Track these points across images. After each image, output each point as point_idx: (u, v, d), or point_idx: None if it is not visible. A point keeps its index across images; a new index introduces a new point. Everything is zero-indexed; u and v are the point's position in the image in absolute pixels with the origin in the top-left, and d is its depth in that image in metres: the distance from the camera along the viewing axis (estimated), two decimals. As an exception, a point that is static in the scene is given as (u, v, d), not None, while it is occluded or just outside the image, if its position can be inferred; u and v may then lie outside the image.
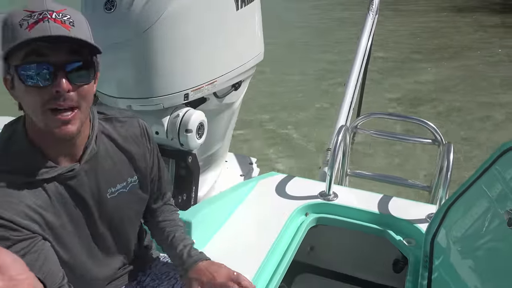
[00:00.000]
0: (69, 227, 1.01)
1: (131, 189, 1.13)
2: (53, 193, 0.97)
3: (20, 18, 0.87)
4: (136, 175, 1.14)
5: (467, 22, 10.05)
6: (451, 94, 6.26)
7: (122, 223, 1.14)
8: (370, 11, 3.32)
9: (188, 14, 1.67)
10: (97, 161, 1.04)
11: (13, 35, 0.86)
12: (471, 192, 1.35)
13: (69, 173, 0.98)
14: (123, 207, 1.12)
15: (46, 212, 0.95)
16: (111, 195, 1.08)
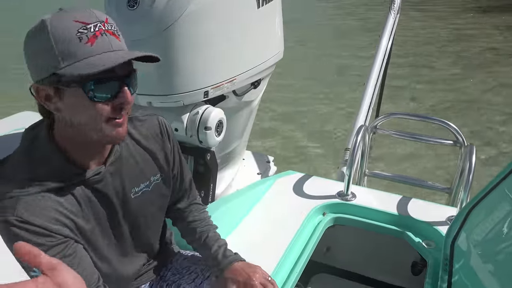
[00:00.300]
0: (97, 230, 1.02)
1: (154, 187, 1.13)
2: (81, 197, 0.97)
3: (75, 30, 0.83)
4: (159, 173, 1.14)
5: (492, 23, 9.85)
6: (470, 95, 6.14)
7: (146, 221, 1.15)
8: (391, 10, 3.29)
9: (210, 11, 1.68)
10: (121, 162, 1.04)
11: (74, 50, 0.83)
12: (494, 195, 1.33)
13: (96, 176, 0.98)
14: (147, 205, 1.13)
15: (76, 218, 0.96)
16: (135, 195, 1.08)
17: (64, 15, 0.85)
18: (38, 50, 0.85)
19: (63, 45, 0.83)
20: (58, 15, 0.85)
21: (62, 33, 0.83)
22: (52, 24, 0.83)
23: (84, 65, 0.82)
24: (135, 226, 1.13)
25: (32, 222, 0.88)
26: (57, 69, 0.83)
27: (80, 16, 0.84)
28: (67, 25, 0.83)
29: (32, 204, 0.89)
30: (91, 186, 0.99)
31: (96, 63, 0.82)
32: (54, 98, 0.88)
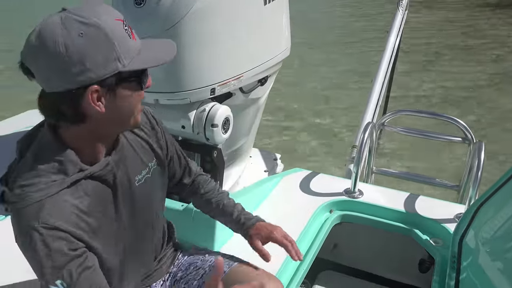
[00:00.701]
0: (108, 224, 1.02)
1: (153, 173, 1.15)
2: (92, 191, 0.97)
3: (121, 28, 0.88)
4: (155, 159, 1.17)
5: (503, 18, 9.74)
6: (486, 93, 6.08)
7: (151, 209, 1.16)
8: (399, 7, 3.27)
9: (217, 8, 1.68)
10: (122, 152, 1.06)
11: (127, 46, 0.88)
12: (502, 192, 1.32)
13: (107, 167, 0.99)
14: (151, 193, 1.15)
15: (90, 218, 0.96)
16: (139, 183, 1.10)
17: (103, 14, 0.87)
18: (94, 50, 0.85)
19: (121, 43, 0.87)
20: (100, 16, 0.86)
21: (117, 32, 0.87)
22: (105, 25, 0.85)
23: (144, 59, 0.91)
24: (143, 216, 1.13)
25: (59, 227, 0.88)
26: (122, 66, 0.88)
27: (114, 14, 0.89)
28: (115, 24, 0.87)
29: (54, 207, 0.88)
30: (100, 178, 0.99)
31: (151, 56, 0.92)
32: (105, 97, 0.89)
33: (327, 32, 9.37)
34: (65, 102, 0.88)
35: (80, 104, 0.88)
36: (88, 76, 0.85)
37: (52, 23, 0.85)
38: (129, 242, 1.09)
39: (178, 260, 1.33)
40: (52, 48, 0.83)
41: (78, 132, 0.93)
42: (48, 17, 0.87)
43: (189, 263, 1.30)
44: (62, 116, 0.90)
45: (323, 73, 6.93)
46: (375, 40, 7.83)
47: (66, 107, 0.88)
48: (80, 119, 0.91)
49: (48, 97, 0.89)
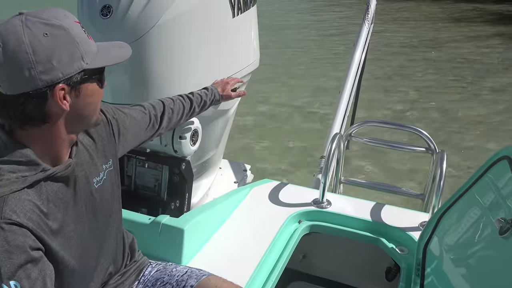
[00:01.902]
0: (68, 227, 1.00)
1: (108, 175, 1.15)
2: (53, 193, 0.96)
3: (81, 29, 0.94)
4: (110, 159, 1.17)
5: (464, 32, 10.16)
6: (447, 102, 6.30)
7: (111, 212, 1.16)
8: (365, 20, 3.35)
9: (184, 21, 1.68)
10: (79, 155, 1.06)
11: (88, 47, 0.94)
12: (464, 200, 1.36)
13: (68, 169, 0.99)
14: (109, 194, 1.15)
15: (49, 220, 0.94)
16: (98, 184, 1.10)
17: (64, 17, 0.92)
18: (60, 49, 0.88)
19: (83, 43, 0.92)
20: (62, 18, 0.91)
21: (78, 32, 0.92)
22: (68, 26, 0.90)
23: (103, 58, 0.97)
24: (103, 217, 1.12)
25: (22, 224, 0.86)
26: (86, 64, 0.92)
27: (73, 17, 0.94)
28: (75, 25, 0.92)
29: (17, 204, 0.87)
30: (62, 180, 0.99)
31: (108, 55, 0.99)
32: (70, 95, 0.93)
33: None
34: (31, 102, 0.88)
35: (46, 103, 0.89)
36: (55, 75, 0.88)
37: (14, 25, 0.85)
38: (90, 246, 1.08)
39: (144, 276, 1.30)
40: (18, 49, 0.84)
41: (39, 134, 0.93)
42: (6, 21, 0.87)
43: (155, 279, 1.28)
44: (28, 118, 0.90)
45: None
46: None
47: (32, 108, 0.89)
48: (44, 119, 0.91)
49: (10, 100, 0.88)
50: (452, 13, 11.85)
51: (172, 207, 1.81)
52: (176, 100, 1.52)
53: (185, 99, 1.56)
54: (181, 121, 1.55)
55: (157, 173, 1.84)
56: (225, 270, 1.30)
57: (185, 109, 1.54)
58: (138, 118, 1.34)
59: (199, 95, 1.60)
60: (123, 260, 1.26)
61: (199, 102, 1.59)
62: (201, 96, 1.60)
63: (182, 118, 1.55)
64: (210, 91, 1.65)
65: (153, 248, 1.47)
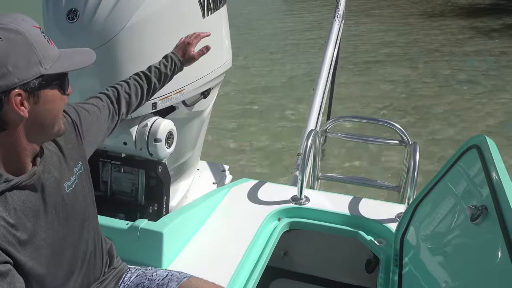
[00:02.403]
0: (39, 236, 0.98)
1: (79, 177, 1.13)
2: (20, 202, 0.94)
3: (41, 34, 0.91)
4: (80, 162, 1.14)
5: (436, 26, 10.37)
6: (418, 96, 6.43)
7: (84, 218, 1.13)
8: (336, 17, 3.40)
9: (154, 22, 1.67)
10: (47, 161, 1.03)
11: (48, 52, 0.91)
12: (437, 189, 1.39)
13: (33, 177, 0.96)
14: (82, 197, 1.13)
15: (18, 231, 0.92)
16: (69, 189, 1.08)
17: (22, 21, 0.89)
18: (16, 54, 0.86)
19: (41, 49, 0.89)
20: (20, 22, 0.88)
21: (37, 37, 0.89)
22: (25, 31, 0.88)
23: (64, 63, 0.93)
24: (77, 221, 1.10)
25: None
26: (44, 69, 0.89)
27: (33, 22, 0.92)
28: (34, 31, 0.90)
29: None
30: (29, 189, 0.96)
31: (70, 61, 0.95)
32: (28, 102, 0.90)
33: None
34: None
35: (1, 109, 0.86)
36: (10, 80, 0.85)
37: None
38: (63, 254, 1.06)
39: (124, 282, 1.28)
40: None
41: (6, 141, 0.91)
42: None
43: (136, 284, 1.26)
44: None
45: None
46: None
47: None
48: (1, 126, 0.89)
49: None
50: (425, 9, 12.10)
51: (150, 211, 1.80)
52: (132, 82, 1.43)
53: (141, 77, 1.46)
54: (143, 101, 1.46)
55: (133, 177, 1.82)
56: (206, 272, 1.30)
57: (143, 89, 1.44)
58: (97, 112, 1.28)
59: (156, 69, 1.49)
60: (102, 267, 1.24)
61: (158, 75, 1.49)
62: (159, 69, 1.49)
63: (143, 98, 1.45)
64: (170, 60, 1.54)
65: (132, 253, 1.45)
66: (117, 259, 1.32)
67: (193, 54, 1.61)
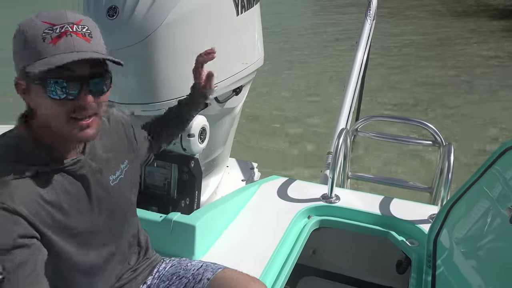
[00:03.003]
0: (78, 220, 1.02)
1: (126, 174, 1.17)
2: (61, 185, 0.98)
3: (42, 30, 0.89)
4: (126, 160, 1.19)
5: (467, 27, 10.11)
6: (452, 97, 6.28)
7: (124, 211, 1.17)
8: (367, 16, 3.36)
9: (189, 20, 1.69)
10: (95, 152, 1.07)
11: (37, 49, 0.88)
12: (472, 192, 1.37)
13: (77, 164, 1.01)
14: (125, 192, 1.17)
15: (54, 209, 0.96)
16: (113, 182, 1.12)
17: (36, 16, 0.91)
18: (14, 48, 0.92)
19: (29, 44, 0.89)
20: (31, 17, 0.91)
21: (31, 33, 0.89)
22: (24, 25, 0.90)
23: (43, 63, 0.87)
24: (115, 216, 1.14)
25: (17, 211, 0.88)
26: (25, 66, 0.89)
27: (50, 18, 0.90)
28: (35, 25, 0.89)
29: (16, 191, 0.89)
30: (73, 175, 1.01)
31: (51, 61, 0.87)
32: (28, 92, 0.94)
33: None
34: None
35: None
36: (16, 68, 0.93)
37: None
38: (102, 242, 1.10)
39: (159, 272, 1.32)
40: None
41: (38, 126, 0.97)
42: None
43: (171, 274, 1.29)
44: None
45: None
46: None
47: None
48: (30, 110, 0.97)
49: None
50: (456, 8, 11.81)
51: (182, 205, 1.83)
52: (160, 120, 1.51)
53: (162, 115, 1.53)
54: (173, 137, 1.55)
55: (166, 171, 1.85)
56: (237, 265, 1.31)
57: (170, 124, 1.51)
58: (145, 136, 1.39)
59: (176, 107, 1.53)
60: (138, 257, 1.28)
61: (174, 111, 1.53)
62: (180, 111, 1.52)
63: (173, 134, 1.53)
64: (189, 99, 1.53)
65: (165, 245, 1.49)
66: (151, 251, 1.35)
67: (202, 91, 1.51)
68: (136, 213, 1.27)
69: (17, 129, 0.99)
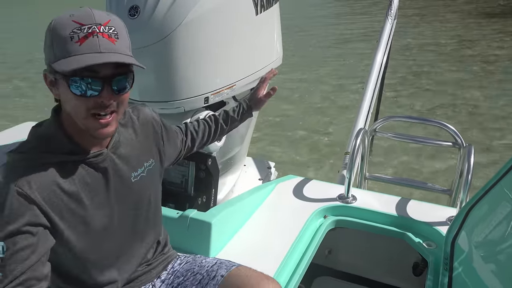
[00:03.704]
0: (93, 212, 1.04)
1: (148, 173, 1.19)
2: (81, 176, 1.02)
3: (70, 30, 0.93)
4: (151, 159, 1.22)
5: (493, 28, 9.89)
6: (474, 100, 6.17)
7: (143, 208, 1.20)
8: (388, 16, 3.33)
9: (209, 19, 1.71)
10: (119, 148, 1.11)
11: (64, 47, 0.93)
12: (492, 194, 1.34)
13: (99, 157, 1.04)
14: (145, 190, 1.19)
15: (71, 198, 0.99)
16: (134, 179, 1.14)
17: (67, 15, 0.94)
18: (45, 44, 0.96)
19: (58, 42, 0.93)
20: (63, 15, 0.95)
21: (60, 31, 0.93)
22: (55, 23, 0.95)
23: (68, 62, 0.92)
24: (134, 213, 1.16)
25: (30, 197, 0.92)
26: (52, 62, 0.94)
27: (80, 17, 0.94)
28: (65, 24, 0.93)
29: (34, 177, 0.94)
30: (94, 167, 1.04)
31: (76, 61, 0.91)
32: (55, 85, 0.99)
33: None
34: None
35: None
36: (45, 62, 0.98)
37: None
38: (116, 236, 1.12)
39: (174, 268, 1.33)
40: None
41: (68, 118, 1.01)
42: None
43: (186, 270, 1.31)
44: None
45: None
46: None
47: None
48: (56, 101, 1.02)
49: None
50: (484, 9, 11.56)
51: (199, 202, 1.85)
52: (201, 121, 1.54)
53: (211, 118, 1.57)
54: (209, 140, 1.56)
55: (184, 169, 1.88)
56: (251, 263, 1.32)
57: (211, 128, 1.54)
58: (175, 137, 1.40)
59: (225, 112, 1.60)
60: (154, 252, 1.30)
61: (225, 118, 1.59)
62: (227, 112, 1.60)
63: (210, 137, 1.55)
64: (239, 105, 1.63)
65: (181, 241, 1.51)
66: (168, 247, 1.37)
67: (260, 97, 1.66)
68: (159, 212, 1.29)
69: (49, 119, 1.04)
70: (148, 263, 1.28)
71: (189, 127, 1.49)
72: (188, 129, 1.48)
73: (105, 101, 0.96)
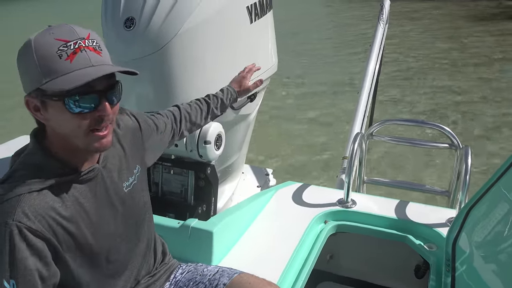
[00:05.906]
0: (93, 231, 1.03)
1: (138, 179, 1.19)
2: (75, 197, 1.00)
3: (56, 48, 0.90)
4: (138, 165, 1.21)
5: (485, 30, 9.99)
6: (466, 101, 6.21)
7: (142, 217, 1.20)
8: (380, 20, 3.36)
9: (204, 29, 1.72)
10: (108, 160, 1.10)
11: (53, 67, 0.90)
12: (491, 194, 1.35)
13: (91, 173, 1.03)
14: (139, 198, 1.19)
15: (70, 223, 0.97)
16: (127, 189, 1.14)
17: (47, 33, 0.92)
18: (25, 67, 0.93)
19: (45, 62, 0.90)
20: (42, 34, 0.92)
21: (44, 51, 0.90)
22: (36, 43, 0.91)
23: (63, 80, 0.89)
24: (132, 223, 1.16)
25: (31, 228, 0.90)
26: (41, 84, 0.90)
27: (62, 34, 0.92)
28: (49, 43, 0.91)
29: (30, 207, 0.91)
30: (88, 185, 1.03)
31: (73, 78, 0.89)
32: (41, 110, 0.95)
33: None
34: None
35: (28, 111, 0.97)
36: (24, 87, 0.95)
37: None
38: (117, 248, 1.11)
39: (176, 277, 1.33)
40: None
41: (54, 139, 0.99)
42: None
43: (188, 279, 1.31)
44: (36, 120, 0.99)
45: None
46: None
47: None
48: (39, 124, 0.99)
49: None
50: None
51: (199, 211, 1.84)
52: (193, 104, 1.55)
53: (201, 102, 1.58)
54: (201, 124, 1.58)
55: (183, 178, 1.88)
56: (254, 271, 1.32)
57: (202, 112, 1.56)
58: (162, 125, 1.37)
59: (215, 97, 1.63)
60: (154, 263, 1.30)
61: (216, 103, 1.61)
62: (217, 97, 1.63)
63: (201, 121, 1.57)
64: (226, 90, 1.67)
65: (182, 251, 1.51)
66: (168, 256, 1.37)
67: (248, 86, 1.75)
68: (151, 219, 1.29)
69: (31, 145, 1.01)
70: (151, 275, 1.28)
71: (182, 112, 1.49)
72: (182, 114, 1.49)
73: (104, 114, 0.95)
